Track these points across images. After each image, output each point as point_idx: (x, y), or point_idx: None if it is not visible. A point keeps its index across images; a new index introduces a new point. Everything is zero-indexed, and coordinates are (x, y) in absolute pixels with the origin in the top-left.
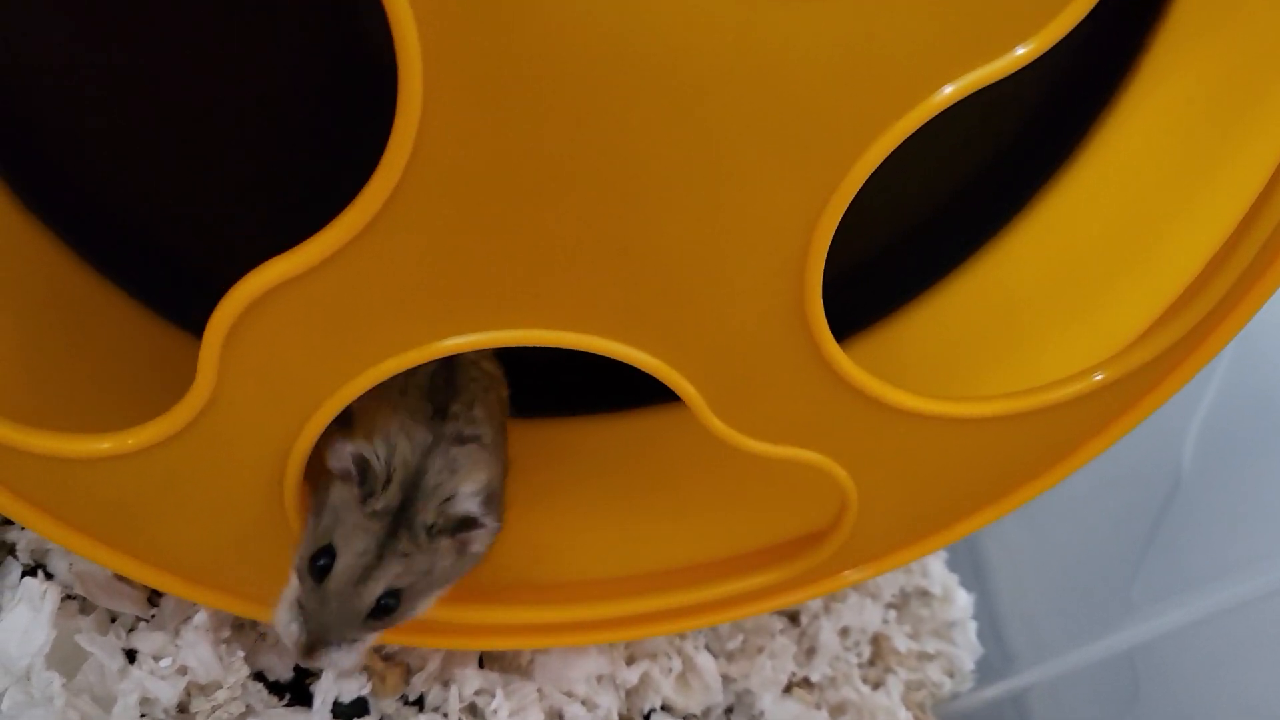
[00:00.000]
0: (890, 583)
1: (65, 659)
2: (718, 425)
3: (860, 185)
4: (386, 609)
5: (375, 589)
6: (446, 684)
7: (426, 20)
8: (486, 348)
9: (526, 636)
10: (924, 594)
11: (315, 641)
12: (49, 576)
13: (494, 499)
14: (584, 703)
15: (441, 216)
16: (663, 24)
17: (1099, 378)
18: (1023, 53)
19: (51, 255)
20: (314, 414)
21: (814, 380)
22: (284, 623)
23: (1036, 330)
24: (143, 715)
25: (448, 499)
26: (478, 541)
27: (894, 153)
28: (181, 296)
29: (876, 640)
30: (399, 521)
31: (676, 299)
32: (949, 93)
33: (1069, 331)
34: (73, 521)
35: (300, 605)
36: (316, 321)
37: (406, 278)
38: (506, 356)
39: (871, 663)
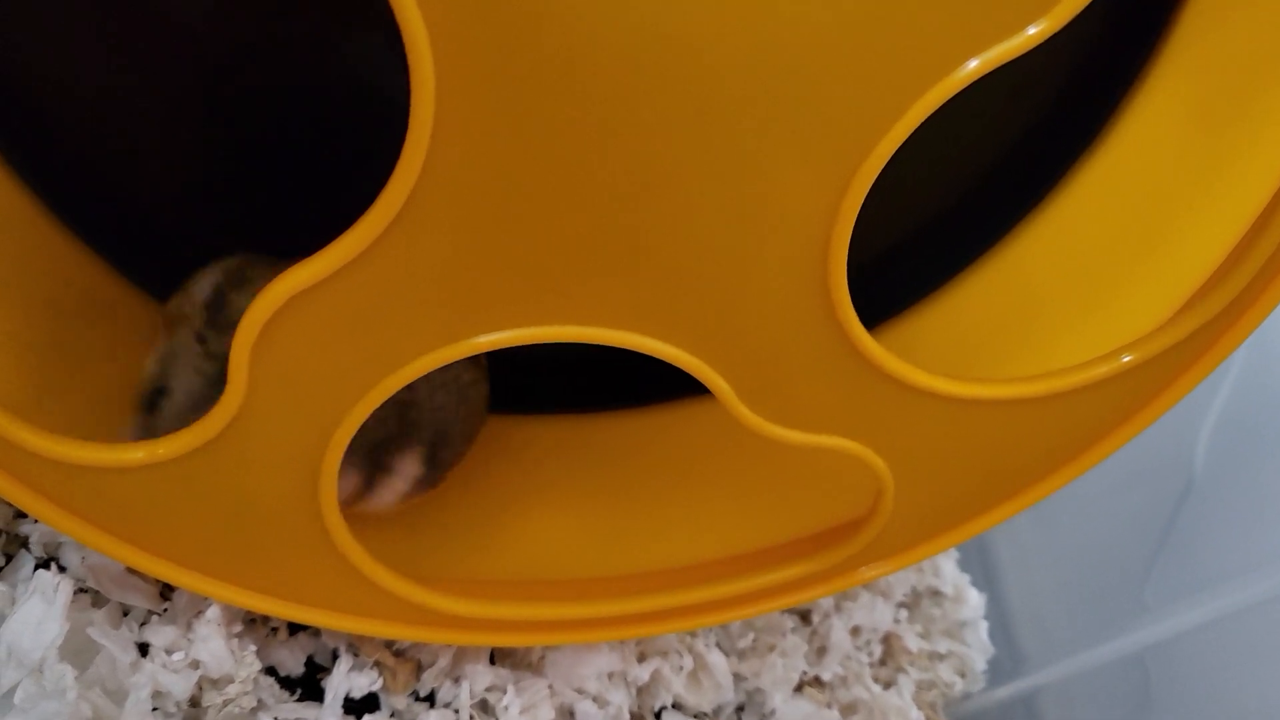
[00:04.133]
0: (901, 582)
1: (78, 652)
2: (749, 417)
3: (881, 168)
4: None
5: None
6: (457, 680)
7: (437, 26)
8: (519, 344)
9: (538, 633)
10: (935, 593)
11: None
12: (62, 569)
13: None
14: (595, 700)
15: (461, 218)
16: (672, 12)
17: (1126, 359)
18: (1034, 32)
19: (77, 258)
20: (349, 411)
21: (843, 366)
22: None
23: (1059, 318)
24: (155, 708)
25: None
26: None
27: (919, 138)
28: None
29: (888, 639)
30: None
31: (699, 290)
32: (974, 67)
33: (1092, 319)
34: (109, 528)
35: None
36: (345, 324)
37: (432, 278)
38: (518, 355)
39: (883, 662)
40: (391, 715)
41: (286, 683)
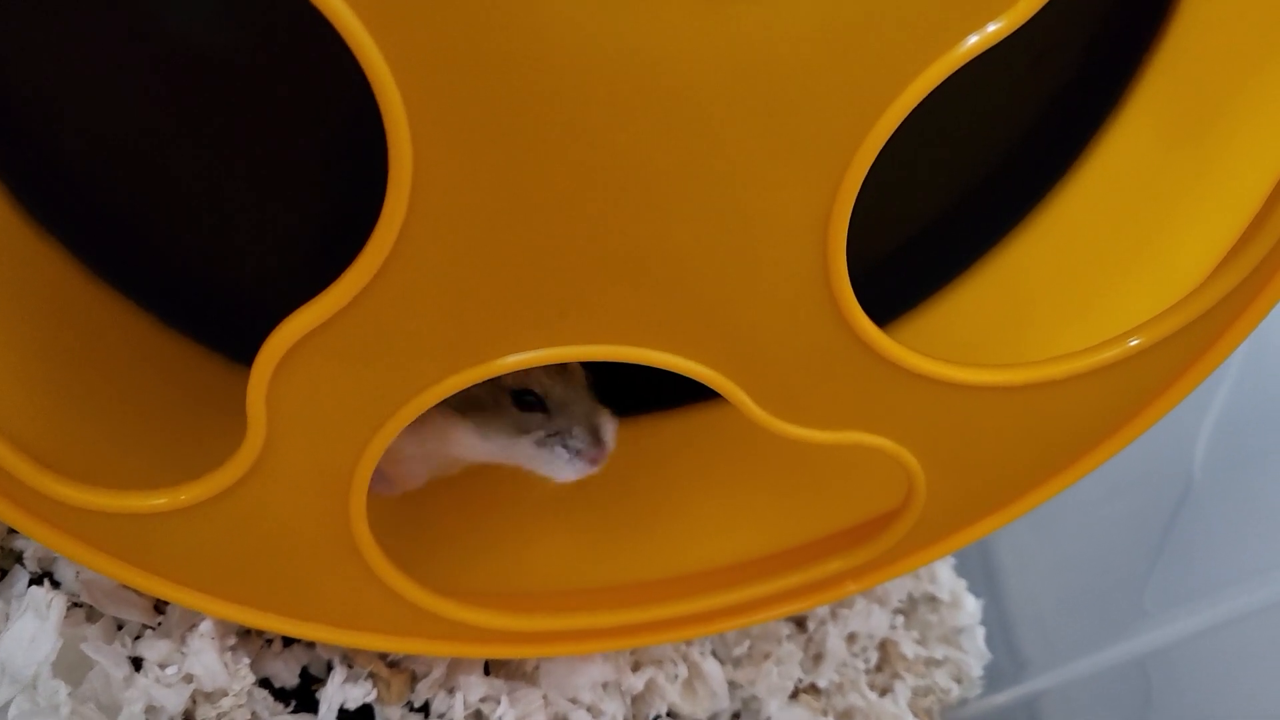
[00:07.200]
0: (898, 588)
1: (71, 667)
2: (770, 420)
3: (864, 175)
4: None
5: (579, 369)
6: (451, 691)
7: (404, 71)
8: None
9: (532, 644)
10: (932, 600)
11: (597, 426)
12: (55, 585)
13: None
14: (589, 709)
15: (457, 251)
16: (642, 39)
17: (1134, 343)
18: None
19: (97, 299)
20: (373, 438)
21: (854, 360)
22: (562, 458)
23: (1057, 319)
24: None
25: None
26: None
27: (920, 142)
28: (216, 324)
29: (884, 646)
30: None
31: (703, 301)
32: (921, 84)
33: (1088, 320)
34: (141, 564)
35: (554, 436)
36: (356, 360)
37: (437, 309)
38: None
39: (879, 669)
40: None
41: (281, 695)
